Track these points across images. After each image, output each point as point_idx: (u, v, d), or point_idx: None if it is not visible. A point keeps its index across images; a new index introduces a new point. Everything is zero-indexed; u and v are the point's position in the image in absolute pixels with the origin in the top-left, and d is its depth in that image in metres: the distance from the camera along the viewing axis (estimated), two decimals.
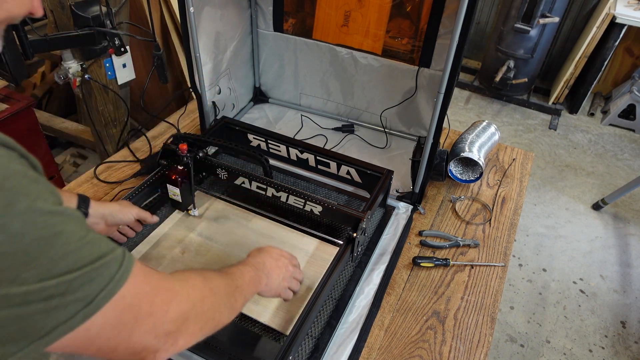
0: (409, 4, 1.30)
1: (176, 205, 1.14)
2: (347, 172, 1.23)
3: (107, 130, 1.86)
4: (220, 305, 0.64)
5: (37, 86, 2.49)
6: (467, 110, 3.45)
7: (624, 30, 2.91)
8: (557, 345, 1.91)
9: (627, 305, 2.09)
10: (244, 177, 1.11)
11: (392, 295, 1.04)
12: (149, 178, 1.14)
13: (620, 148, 3.14)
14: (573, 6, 3.33)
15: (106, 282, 0.47)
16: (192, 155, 1.10)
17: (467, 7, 0.90)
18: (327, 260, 1.02)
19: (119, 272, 0.48)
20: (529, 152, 1.53)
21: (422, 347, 0.94)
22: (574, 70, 3.20)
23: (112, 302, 0.47)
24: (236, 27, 1.43)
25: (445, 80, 1.01)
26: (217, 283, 0.66)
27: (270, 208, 1.17)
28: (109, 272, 0.47)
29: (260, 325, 0.91)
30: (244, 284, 0.73)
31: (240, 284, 0.72)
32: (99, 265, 0.46)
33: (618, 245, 2.40)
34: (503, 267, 1.13)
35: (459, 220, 1.26)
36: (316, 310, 0.89)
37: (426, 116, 1.43)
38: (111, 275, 0.47)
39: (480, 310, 1.03)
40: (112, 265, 0.48)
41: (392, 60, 1.39)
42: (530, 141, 3.16)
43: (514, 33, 3.09)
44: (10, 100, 1.76)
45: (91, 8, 1.50)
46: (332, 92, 1.57)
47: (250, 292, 0.75)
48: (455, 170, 1.35)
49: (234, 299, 0.68)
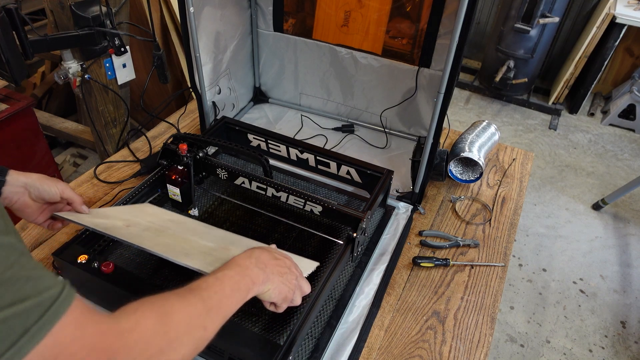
0: (409, 4, 1.30)
1: (176, 205, 1.14)
2: (347, 172, 1.23)
3: (107, 130, 1.87)
4: (182, 346, 0.54)
5: (37, 86, 2.49)
6: (467, 110, 3.45)
7: (624, 30, 2.91)
8: (557, 345, 1.91)
9: (627, 305, 2.09)
10: (244, 177, 1.11)
11: (392, 295, 1.04)
12: (149, 178, 1.14)
13: (620, 148, 3.14)
14: (573, 6, 3.33)
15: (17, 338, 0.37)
16: (192, 155, 1.10)
17: (467, 7, 0.90)
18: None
19: (37, 324, 0.38)
20: (529, 152, 1.53)
21: (422, 347, 0.94)
22: (574, 70, 3.20)
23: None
24: (236, 27, 1.43)
25: (445, 80, 1.01)
26: (178, 319, 0.54)
27: (270, 208, 1.17)
28: (24, 323, 0.37)
29: (260, 325, 0.91)
30: (222, 300, 0.62)
31: (216, 302, 0.61)
32: (16, 311, 0.37)
33: (618, 245, 2.40)
34: (503, 267, 1.13)
35: (459, 220, 1.26)
36: (316, 310, 0.89)
37: (426, 116, 1.43)
38: (25, 328, 0.37)
39: (480, 310, 1.03)
40: (32, 313, 0.38)
41: (392, 60, 1.39)
42: (530, 141, 3.16)
43: (514, 33, 3.09)
44: (10, 100, 1.76)
45: (91, 8, 1.50)
46: (332, 92, 1.57)
47: (233, 304, 0.63)
48: (455, 170, 1.35)
49: (204, 328, 0.58)
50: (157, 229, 0.90)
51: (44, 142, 1.88)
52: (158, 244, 0.83)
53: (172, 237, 0.88)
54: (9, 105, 1.74)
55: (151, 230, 0.89)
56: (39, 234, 1.12)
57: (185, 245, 0.85)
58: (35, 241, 1.10)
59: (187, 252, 0.81)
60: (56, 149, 2.62)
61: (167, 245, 0.84)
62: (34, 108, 1.86)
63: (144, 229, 0.89)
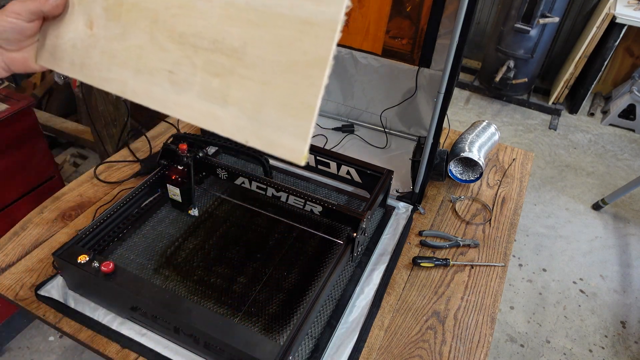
0: (409, 4, 1.30)
1: (176, 205, 1.14)
2: (347, 172, 1.23)
3: (107, 130, 1.87)
4: None
5: (37, 86, 2.48)
6: (467, 110, 3.45)
7: (624, 30, 2.91)
8: (557, 345, 1.91)
9: (627, 305, 2.09)
10: (244, 177, 1.11)
11: (392, 295, 1.04)
12: (149, 178, 1.14)
13: (620, 148, 3.14)
14: (573, 6, 3.33)
15: None
16: (192, 155, 1.10)
17: (467, 7, 0.90)
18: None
19: None
20: (529, 152, 1.53)
21: (422, 347, 0.94)
22: (574, 70, 3.20)
23: None
24: None
25: (445, 80, 1.01)
26: None
27: (270, 208, 1.17)
28: None
29: (260, 325, 0.91)
30: None
31: None
32: None
33: (618, 245, 2.40)
34: (503, 267, 1.13)
35: (459, 220, 1.26)
36: (316, 310, 0.89)
37: (426, 116, 1.43)
38: None
39: (480, 310, 1.03)
40: None
41: (392, 60, 1.39)
42: (530, 141, 3.16)
43: (514, 33, 3.09)
44: (10, 100, 1.76)
45: None
46: (332, 92, 1.57)
47: None
48: (455, 170, 1.35)
49: None
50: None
51: (44, 142, 1.88)
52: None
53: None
54: (9, 105, 1.73)
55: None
56: (39, 234, 1.12)
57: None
58: (35, 241, 1.10)
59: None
60: (56, 149, 2.61)
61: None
62: (34, 108, 1.86)
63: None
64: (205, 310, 0.83)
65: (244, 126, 0.47)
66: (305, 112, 0.44)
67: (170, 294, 0.84)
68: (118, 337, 0.90)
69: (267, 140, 0.46)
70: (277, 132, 0.46)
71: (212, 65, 0.48)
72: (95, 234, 0.99)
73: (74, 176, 2.44)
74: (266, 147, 0.46)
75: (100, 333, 0.91)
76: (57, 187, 1.80)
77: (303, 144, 0.44)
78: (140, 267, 1.01)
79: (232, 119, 0.48)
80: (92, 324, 0.92)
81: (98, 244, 1.00)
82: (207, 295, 0.95)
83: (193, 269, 1.01)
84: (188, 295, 0.95)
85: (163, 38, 0.51)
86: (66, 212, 1.18)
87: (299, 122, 0.44)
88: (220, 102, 0.48)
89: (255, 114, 0.46)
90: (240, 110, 0.47)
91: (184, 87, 0.50)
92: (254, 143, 0.47)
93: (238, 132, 0.47)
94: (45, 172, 1.80)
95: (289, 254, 1.06)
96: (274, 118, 0.45)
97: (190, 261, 1.03)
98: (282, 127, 0.45)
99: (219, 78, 0.47)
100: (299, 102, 0.44)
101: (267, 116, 0.46)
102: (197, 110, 0.49)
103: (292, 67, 0.44)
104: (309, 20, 0.42)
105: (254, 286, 0.98)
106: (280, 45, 0.44)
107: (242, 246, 1.07)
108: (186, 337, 0.85)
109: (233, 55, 0.47)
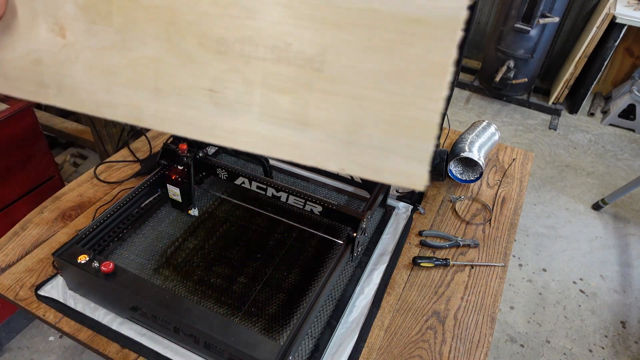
0: None
1: (176, 205, 1.14)
2: None
3: (107, 130, 1.87)
4: None
5: None
6: (467, 110, 3.45)
7: (624, 30, 2.91)
8: (557, 345, 1.91)
9: (627, 305, 2.09)
10: (244, 177, 1.11)
11: (392, 295, 1.04)
12: (149, 178, 1.14)
13: (620, 148, 3.14)
14: (573, 6, 3.33)
15: None
16: (192, 155, 1.10)
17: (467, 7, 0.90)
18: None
19: None
20: (529, 152, 1.53)
21: (422, 347, 0.94)
22: (574, 70, 3.20)
23: None
24: None
25: None
26: None
27: (270, 208, 1.17)
28: None
29: (260, 325, 0.91)
30: None
31: None
32: None
33: (618, 245, 2.40)
34: (503, 267, 1.13)
35: (459, 220, 1.26)
36: (316, 310, 0.89)
37: None
38: None
39: (480, 310, 1.03)
40: None
41: None
42: (530, 141, 3.16)
43: (514, 33, 3.09)
44: (10, 100, 1.76)
45: None
46: None
47: None
48: (455, 170, 1.35)
49: None
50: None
51: (44, 142, 1.88)
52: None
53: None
54: (9, 105, 1.74)
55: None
56: (39, 234, 1.12)
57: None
58: (35, 241, 1.10)
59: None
60: (56, 149, 2.61)
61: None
62: (33, 108, 1.86)
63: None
64: (205, 310, 0.84)
65: (334, 151, 0.39)
66: (423, 130, 0.37)
67: (170, 294, 0.84)
68: (118, 337, 0.90)
69: (369, 166, 0.39)
70: (384, 156, 0.38)
71: (277, 80, 0.38)
72: (95, 234, 0.99)
73: (74, 176, 2.44)
74: (369, 173, 0.39)
75: (100, 333, 0.91)
76: (57, 187, 1.80)
77: (423, 167, 0.37)
78: (140, 267, 1.01)
79: (317, 144, 0.39)
80: (92, 324, 0.92)
81: (98, 244, 1.00)
82: (207, 295, 0.96)
83: (193, 269, 1.01)
84: (188, 295, 0.95)
85: (191, 46, 0.39)
86: (66, 212, 1.18)
87: (415, 142, 0.37)
88: (295, 124, 0.39)
89: (350, 136, 0.38)
90: (326, 133, 0.38)
91: (236, 109, 0.40)
92: (352, 170, 0.39)
93: (327, 160, 0.39)
94: (45, 172, 1.80)
95: (289, 254, 1.06)
96: (376, 139, 0.38)
97: (190, 261, 1.03)
98: (389, 149, 0.38)
99: (289, 95, 0.38)
100: (412, 119, 0.37)
101: (366, 138, 0.38)
102: (263, 136, 0.39)
103: (399, 76, 0.36)
104: (418, 18, 0.35)
105: (254, 286, 0.98)
106: (377, 51, 0.36)
107: (242, 246, 1.07)
108: (186, 337, 0.85)
109: (307, 66, 0.37)
